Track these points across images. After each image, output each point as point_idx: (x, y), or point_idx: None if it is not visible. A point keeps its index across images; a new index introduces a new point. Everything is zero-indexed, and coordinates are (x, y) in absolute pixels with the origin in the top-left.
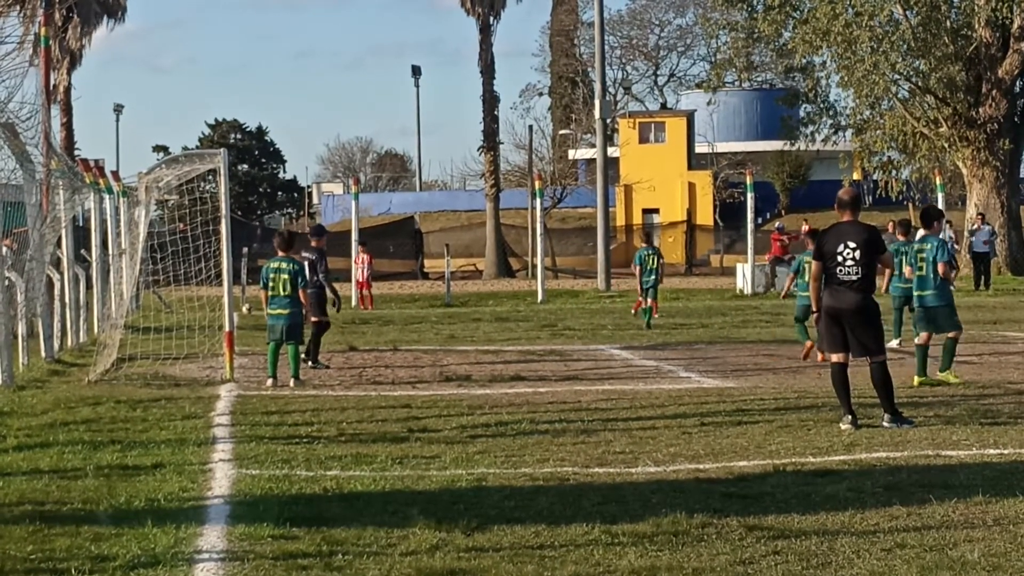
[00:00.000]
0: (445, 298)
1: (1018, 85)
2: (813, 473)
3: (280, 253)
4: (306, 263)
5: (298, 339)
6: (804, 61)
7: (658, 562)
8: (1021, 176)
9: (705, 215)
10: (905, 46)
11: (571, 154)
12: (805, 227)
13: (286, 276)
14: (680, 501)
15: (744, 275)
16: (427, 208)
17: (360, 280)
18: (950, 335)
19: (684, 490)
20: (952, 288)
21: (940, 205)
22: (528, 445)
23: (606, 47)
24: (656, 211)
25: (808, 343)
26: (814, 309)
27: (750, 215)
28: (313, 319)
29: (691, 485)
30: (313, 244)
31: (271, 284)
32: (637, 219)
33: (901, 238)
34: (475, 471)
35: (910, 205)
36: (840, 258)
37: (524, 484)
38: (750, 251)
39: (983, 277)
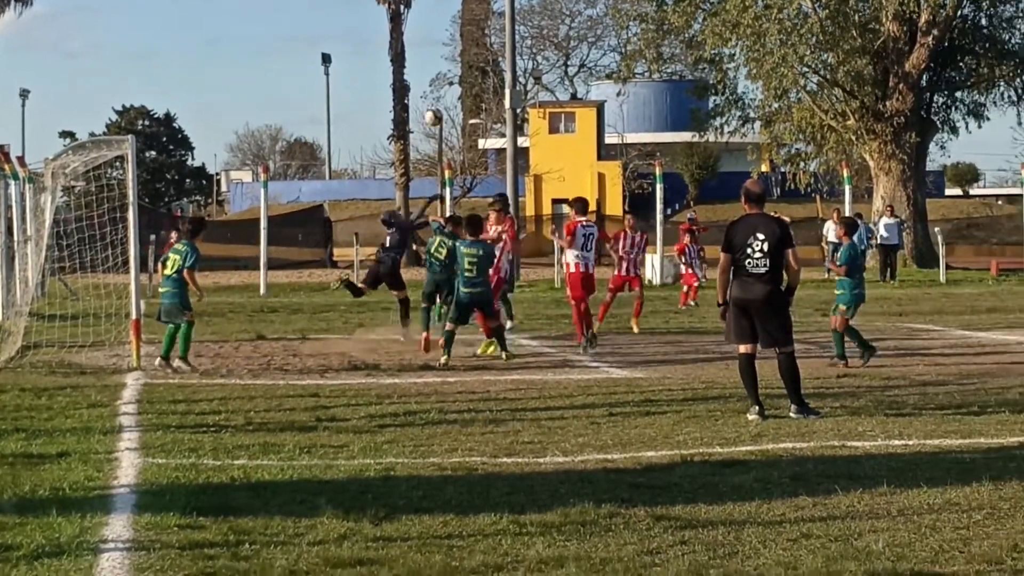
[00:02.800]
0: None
1: (925, 79)
2: (720, 463)
3: (182, 238)
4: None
5: (175, 320)
6: (713, 53)
7: (566, 552)
8: (927, 169)
9: (614, 206)
10: (814, 39)
11: (481, 143)
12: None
13: (176, 257)
14: (588, 491)
15: (653, 266)
16: (336, 197)
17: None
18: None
19: (592, 480)
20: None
21: (847, 198)
22: (437, 435)
23: (517, 37)
24: (566, 201)
25: (424, 334)
26: (719, 301)
27: (659, 206)
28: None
29: (599, 475)
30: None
31: (166, 263)
32: (547, 209)
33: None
34: (383, 460)
35: (818, 197)
36: (749, 250)
37: (432, 474)
38: (659, 242)
39: (889, 269)
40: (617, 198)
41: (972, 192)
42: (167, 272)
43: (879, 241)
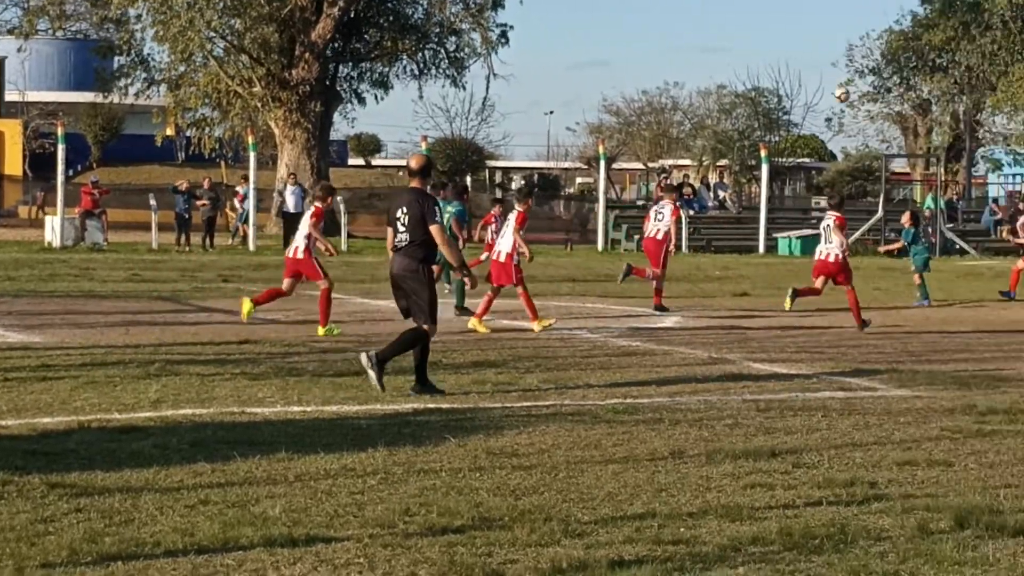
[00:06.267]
0: None
1: (331, 49)
2: (118, 430)
3: None
4: None
5: None
6: (120, 13)
7: None
8: (332, 139)
9: (14, 165)
10: (221, 4)
11: None
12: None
13: None
14: None
15: (54, 228)
16: None
17: None
18: None
19: None
20: None
21: (252, 164)
22: None
23: None
24: None
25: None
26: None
27: (60, 167)
28: None
29: None
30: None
31: None
32: None
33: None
34: None
35: (223, 163)
36: (398, 224)
37: None
38: (60, 203)
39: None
40: (17, 157)
41: (374, 163)
42: None
43: (282, 210)
